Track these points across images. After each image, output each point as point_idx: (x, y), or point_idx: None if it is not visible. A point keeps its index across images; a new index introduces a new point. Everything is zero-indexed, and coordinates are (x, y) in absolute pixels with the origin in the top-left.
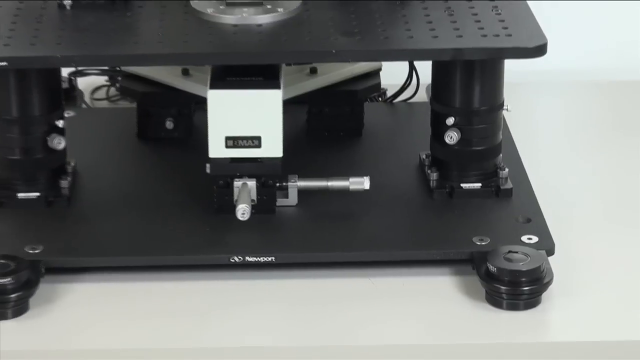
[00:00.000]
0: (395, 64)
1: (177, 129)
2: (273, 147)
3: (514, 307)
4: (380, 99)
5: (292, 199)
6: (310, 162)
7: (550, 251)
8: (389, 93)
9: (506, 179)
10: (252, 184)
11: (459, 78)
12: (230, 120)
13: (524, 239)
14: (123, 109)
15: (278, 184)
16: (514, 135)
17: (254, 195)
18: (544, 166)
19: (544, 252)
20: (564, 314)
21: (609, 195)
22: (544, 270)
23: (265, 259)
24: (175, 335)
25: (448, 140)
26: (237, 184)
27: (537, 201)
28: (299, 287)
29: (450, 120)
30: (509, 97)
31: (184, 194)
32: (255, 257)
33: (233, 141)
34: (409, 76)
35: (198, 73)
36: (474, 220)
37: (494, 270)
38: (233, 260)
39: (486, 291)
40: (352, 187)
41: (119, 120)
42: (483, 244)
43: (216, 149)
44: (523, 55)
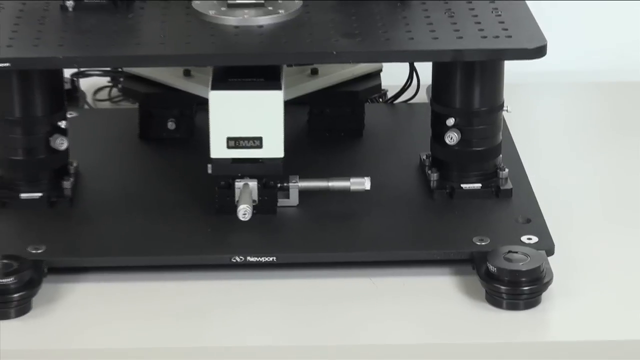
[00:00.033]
0: (396, 65)
1: (179, 130)
2: (274, 148)
3: (514, 307)
4: (380, 99)
5: (293, 199)
6: (311, 163)
7: (549, 251)
8: (390, 94)
9: (506, 179)
10: (254, 184)
11: (459, 79)
12: (231, 120)
13: (524, 239)
14: (125, 109)
15: (279, 185)
16: (514, 136)
17: (255, 196)
18: (543, 167)
19: (543, 252)
20: (563, 313)
21: (609, 195)
22: (543, 270)
23: (266, 259)
24: (177, 334)
25: (448, 140)
26: (239, 184)
27: (537, 201)
28: (300, 287)
29: (451, 121)
30: (509, 98)
31: (186, 195)
32: (256, 257)
33: (234, 142)
34: (410, 77)
35: (200, 74)
36: (474, 221)
37: (494, 270)
38: (234, 260)
39: (486, 291)
40: (353, 188)
41: (121, 120)
42: (483, 244)
43: (218, 150)
44: (523, 57)
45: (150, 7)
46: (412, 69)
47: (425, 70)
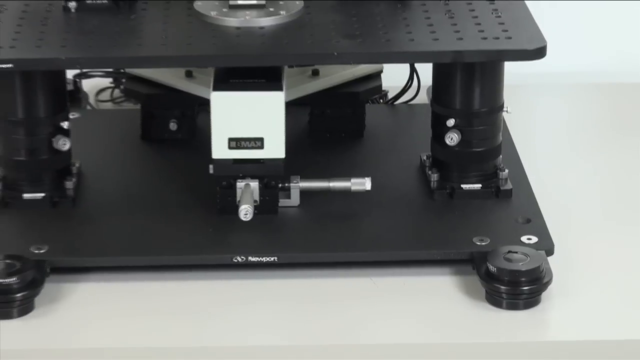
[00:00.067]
0: (396, 66)
1: (181, 131)
2: (275, 148)
3: (513, 307)
4: (381, 100)
5: (295, 199)
6: (312, 163)
7: (549, 251)
8: (390, 95)
9: (506, 179)
10: (255, 184)
11: (459, 80)
12: (233, 121)
13: (524, 239)
14: (127, 110)
15: (280, 185)
16: (514, 137)
17: (257, 196)
18: (543, 167)
19: (543, 253)
20: (563, 313)
21: (608, 196)
22: (543, 270)
23: (267, 259)
24: (179, 334)
25: (448, 141)
26: (240, 184)
27: (537, 202)
28: (301, 287)
29: (451, 122)
30: (508, 99)
31: (187, 195)
32: (257, 257)
33: (236, 142)
34: (410, 78)
35: (201, 75)
36: (474, 221)
37: (494, 270)
38: (236, 260)
39: (486, 291)
40: (354, 188)
41: (123, 121)
42: (483, 244)
43: (219, 150)
44: (523, 58)
45: (152, 8)
46: (413, 70)
47: (425, 71)
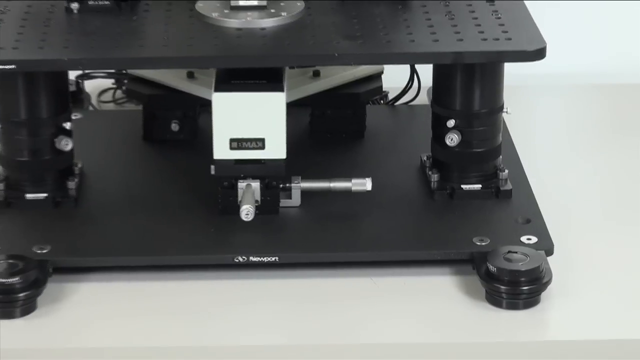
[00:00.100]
0: (397, 67)
1: (182, 131)
2: (277, 149)
3: (513, 307)
4: (382, 101)
5: (295, 199)
6: (313, 164)
7: (549, 251)
8: (391, 96)
9: (506, 180)
10: (256, 185)
11: (460, 81)
12: (234, 122)
13: (524, 239)
14: (129, 111)
15: (281, 185)
16: (514, 138)
17: (258, 196)
18: (543, 168)
19: (543, 253)
20: (562, 313)
21: (608, 196)
22: (543, 270)
23: (268, 259)
24: (181, 333)
25: (449, 142)
26: (241, 185)
27: (537, 202)
28: (302, 287)
29: (451, 123)
30: (508, 100)
31: (189, 195)
32: (259, 257)
33: (237, 143)
34: (410, 79)
35: (203, 76)
36: (474, 221)
37: (493, 270)
38: (237, 260)
39: (486, 291)
40: (355, 188)
41: (125, 122)
42: (483, 244)
43: (221, 151)
44: (522, 59)
45: (154, 10)
46: (413, 71)
47: (426, 72)
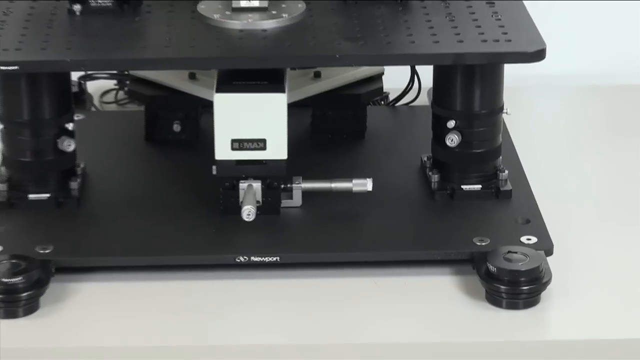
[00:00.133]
0: (397, 68)
1: (184, 132)
2: (278, 150)
3: (513, 306)
4: (382, 102)
5: (297, 200)
6: (314, 164)
7: (548, 251)
8: (391, 97)
9: (506, 180)
10: (258, 185)
11: (460, 82)
12: (236, 123)
13: (523, 239)
14: (131, 112)
15: (283, 186)
16: (514, 138)
17: (259, 197)
18: (542, 168)
19: (542, 253)
20: (562, 312)
21: (607, 196)
22: (542, 270)
23: (270, 259)
24: (182, 333)
25: (449, 142)
26: (243, 185)
27: (536, 202)
28: (303, 287)
29: (451, 124)
30: (508, 101)
31: (191, 195)
32: (260, 257)
33: (239, 143)
34: (411, 80)
35: (205, 77)
36: (474, 221)
37: (493, 270)
38: (239, 260)
39: (486, 290)
40: (355, 189)
41: (128, 123)
42: (483, 244)
43: (222, 151)
44: (522, 60)
45: (156, 11)
46: (414, 72)
47: (426, 73)
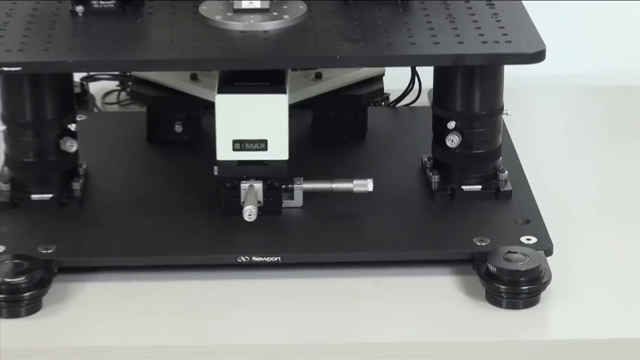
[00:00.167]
0: (398, 69)
1: (186, 133)
2: (279, 150)
3: (513, 306)
4: (383, 103)
5: (298, 200)
6: (315, 165)
7: (548, 252)
8: (392, 98)
9: (506, 181)
10: (259, 186)
11: (460, 83)
12: (237, 123)
13: (523, 239)
14: (133, 112)
15: (284, 186)
16: (514, 139)
17: (261, 197)
18: (542, 169)
19: (542, 253)
20: (561, 312)
21: (606, 197)
22: (542, 270)
23: (271, 259)
24: (184, 332)
25: (449, 143)
26: (244, 186)
27: (536, 203)
28: (304, 286)
29: (452, 124)
30: (508, 102)
31: (193, 196)
32: (261, 257)
33: (240, 144)
34: (411, 81)
35: (206, 78)
36: (475, 222)
37: (493, 270)
38: (240, 260)
39: (486, 290)
40: (356, 189)
41: (130, 123)
42: (483, 244)
43: (224, 152)
44: (522, 61)
45: (158, 13)
46: (414, 73)
47: (426, 74)
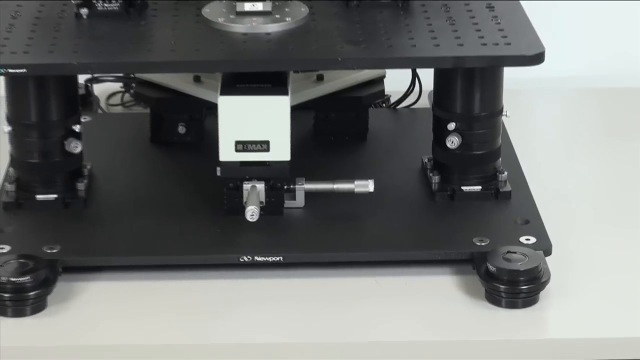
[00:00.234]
0: (399, 71)
1: (189, 134)
2: (281, 151)
3: (512, 306)
4: (384, 105)
5: (299, 201)
6: (317, 166)
7: (547, 251)
8: (393, 99)
9: (505, 181)
10: (261, 186)
11: (460, 85)
12: (240, 125)
13: (523, 239)
14: (137, 114)
15: (286, 187)
16: (513, 140)
17: (263, 198)
18: (541, 170)
19: (541, 253)
20: (560, 312)
21: (605, 197)
22: (541, 270)
23: (273, 259)
24: (187, 332)
25: (449, 144)
26: (247, 186)
27: (535, 203)
28: (305, 286)
29: (452, 126)
30: (508, 104)
31: (195, 196)
32: (263, 257)
33: (243, 145)
34: (412, 83)
35: (209, 80)
36: (474, 222)
37: (493, 270)
38: (242, 260)
39: (486, 290)
40: (357, 190)
41: (133, 125)
42: (483, 244)
43: (226, 153)
44: (521, 63)
45: (162, 15)
46: (415, 75)
47: (427, 76)
